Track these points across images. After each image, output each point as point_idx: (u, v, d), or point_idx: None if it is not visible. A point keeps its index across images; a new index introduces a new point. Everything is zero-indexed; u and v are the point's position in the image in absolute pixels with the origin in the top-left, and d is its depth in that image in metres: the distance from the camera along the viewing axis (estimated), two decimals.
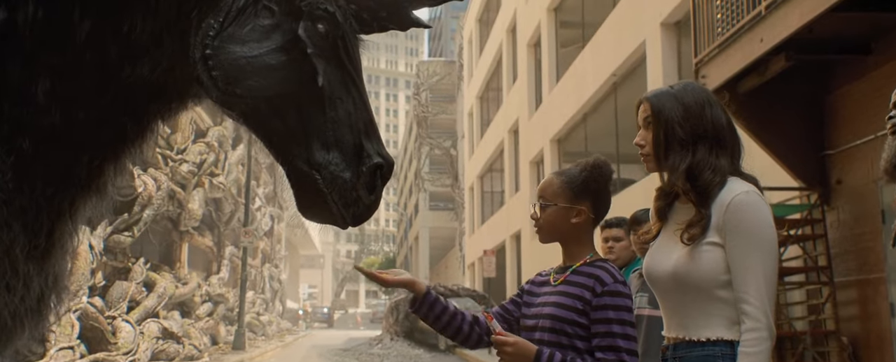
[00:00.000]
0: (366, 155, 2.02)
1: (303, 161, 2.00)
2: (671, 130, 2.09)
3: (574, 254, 2.33)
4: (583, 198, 2.28)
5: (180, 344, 14.35)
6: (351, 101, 2.04)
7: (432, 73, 43.14)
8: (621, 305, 2.17)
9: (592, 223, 2.33)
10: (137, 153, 2.08)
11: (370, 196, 2.05)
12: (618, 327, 2.15)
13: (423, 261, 45.79)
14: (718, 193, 2.03)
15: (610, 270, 2.24)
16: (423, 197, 45.53)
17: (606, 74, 14.68)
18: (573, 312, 2.20)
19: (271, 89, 1.96)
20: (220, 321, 20.01)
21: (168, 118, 2.10)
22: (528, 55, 22.16)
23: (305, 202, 2.06)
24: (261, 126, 2.06)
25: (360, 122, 2.04)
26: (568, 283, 2.27)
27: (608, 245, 4.47)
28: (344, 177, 1.99)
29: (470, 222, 33.06)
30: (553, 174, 2.40)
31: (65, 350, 9.06)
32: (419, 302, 2.38)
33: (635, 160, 15.53)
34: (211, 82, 1.94)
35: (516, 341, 2.15)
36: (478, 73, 31.40)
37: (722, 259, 2.01)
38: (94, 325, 10.87)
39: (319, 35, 2.00)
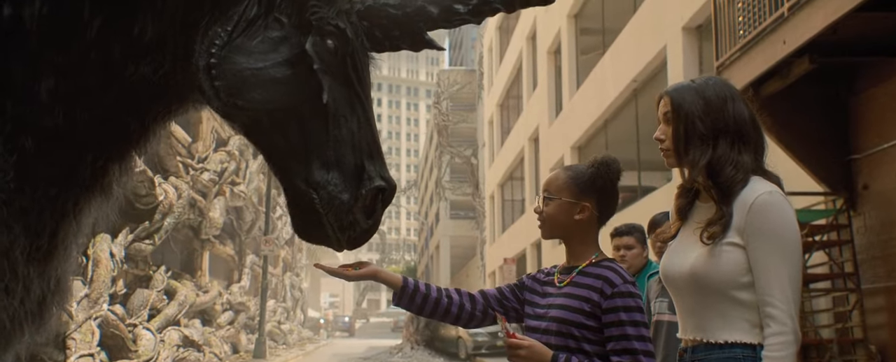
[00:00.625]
0: (367, 177, 1.97)
1: (301, 179, 1.96)
2: (691, 125, 2.03)
3: (578, 254, 2.26)
4: (588, 194, 2.22)
5: (201, 352, 14.37)
6: (355, 121, 1.99)
7: (453, 82, 43.12)
8: (632, 306, 2.10)
9: (597, 221, 2.26)
10: (142, 153, 2.05)
11: (368, 220, 2.00)
12: (632, 329, 2.07)
13: (444, 270, 45.68)
14: (741, 191, 1.96)
15: (618, 270, 2.17)
16: (443, 205, 45.46)
17: (627, 80, 14.57)
18: (580, 314, 2.13)
19: (274, 103, 1.92)
20: (241, 329, 20.04)
21: (169, 119, 2.07)
22: (549, 62, 22.07)
23: (301, 222, 2.02)
24: (261, 140, 2.03)
25: (364, 143, 1.99)
26: (574, 285, 2.20)
27: (620, 253, 4.40)
28: (342, 199, 1.95)
29: (491, 231, 32.93)
30: (560, 168, 2.34)
31: (85, 357, 9.08)
32: (398, 295, 2.34)
33: (657, 167, 15.40)
34: (213, 92, 1.91)
35: (531, 344, 2.08)
36: (498, 81, 31.36)
37: (742, 260, 1.94)
38: (114, 333, 10.90)
39: (328, 51, 1.96)
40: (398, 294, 2.33)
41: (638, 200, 14.70)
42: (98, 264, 10.67)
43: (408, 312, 2.44)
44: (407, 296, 2.32)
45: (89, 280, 10.35)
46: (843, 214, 7.79)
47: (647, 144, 14.76)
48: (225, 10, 1.93)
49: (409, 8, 2.09)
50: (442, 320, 2.37)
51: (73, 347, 9.12)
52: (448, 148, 40.76)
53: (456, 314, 2.34)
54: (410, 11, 2.08)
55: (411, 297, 2.32)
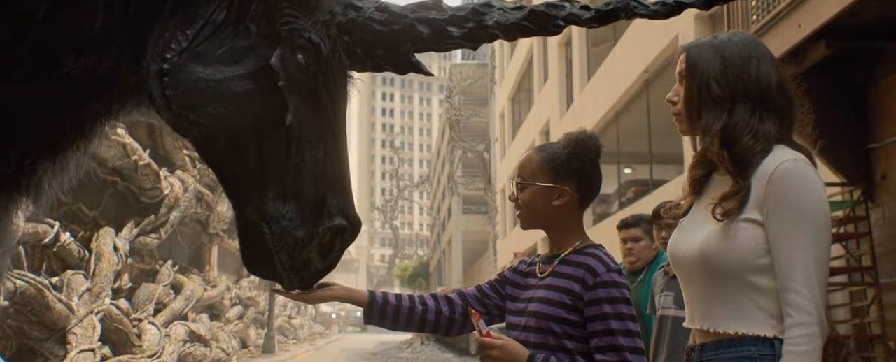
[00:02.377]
0: (327, 213, 1.76)
1: (254, 209, 1.75)
2: (706, 86, 1.79)
3: (561, 242, 2.04)
4: (566, 177, 2.01)
5: (207, 346, 14.26)
6: (322, 148, 1.77)
7: (465, 77, 42.87)
8: (617, 297, 1.88)
9: (579, 205, 2.04)
10: (82, 154, 1.86)
11: (323, 261, 1.81)
12: (616, 323, 1.85)
13: (456, 265, 45.55)
14: (761, 162, 1.71)
15: (601, 257, 1.95)
16: (455, 200, 45.30)
17: (638, 71, 14.31)
18: (560, 308, 1.91)
19: (231, 120, 1.71)
20: (250, 324, 19.97)
21: (110, 121, 1.85)
22: (559, 54, 21.83)
23: (249, 256, 1.81)
24: (214, 160, 1.81)
25: (329, 173, 1.78)
26: (555, 275, 1.98)
27: (627, 246, 4.19)
28: (295, 236, 1.74)
29: (502, 225, 32.75)
30: (533, 149, 2.10)
31: (86, 352, 8.96)
32: (367, 312, 2.11)
33: (670, 160, 15.15)
34: (163, 101, 1.70)
35: (505, 344, 1.87)
36: (509, 75, 31.15)
37: (760, 240, 1.68)
38: (118, 327, 10.78)
39: (297, 66, 1.73)
40: (367, 311, 2.11)
41: (650, 193, 14.44)
42: (101, 258, 10.56)
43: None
44: (376, 312, 2.10)
45: (91, 274, 10.23)
46: (860, 206, 7.53)
47: (660, 136, 14.52)
48: (189, 11, 1.72)
49: (396, 25, 1.86)
50: (420, 330, 2.16)
51: (74, 342, 9.01)
52: (460, 142, 40.55)
53: (434, 321, 2.12)
54: (398, 29, 1.86)
55: (381, 312, 2.10)
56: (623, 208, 16.04)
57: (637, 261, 4.15)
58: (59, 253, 9.96)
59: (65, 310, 9.00)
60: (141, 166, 11.62)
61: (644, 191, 15.37)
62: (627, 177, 17.73)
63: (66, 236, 9.98)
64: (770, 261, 1.67)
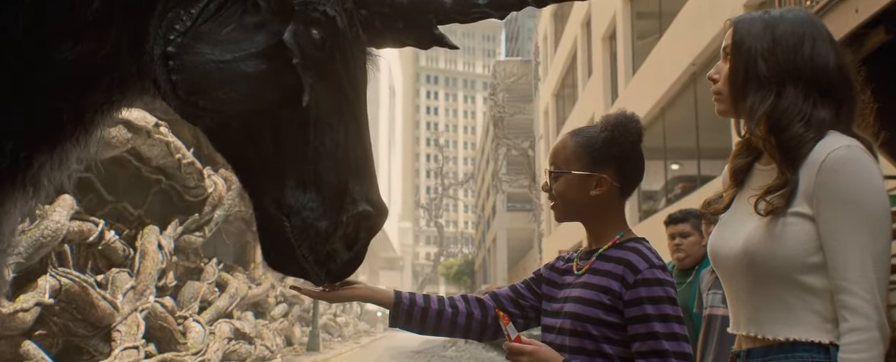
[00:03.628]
0: (350, 200, 1.62)
1: (272, 200, 1.62)
2: (752, 64, 1.61)
3: (599, 235, 1.86)
4: (604, 163, 1.82)
5: (252, 344, 14.33)
6: (343, 130, 1.64)
7: (509, 74, 42.77)
8: (660, 296, 1.69)
9: (620, 194, 1.86)
10: (83, 146, 1.74)
11: (349, 252, 1.66)
12: (660, 325, 1.67)
13: (501, 263, 45.38)
14: (811, 151, 1.53)
15: (644, 252, 1.76)
16: (500, 198, 45.19)
17: (685, 64, 13.95)
18: (598, 309, 1.73)
19: (243, 104, 1.58)
20: (295, 322, 20.07)
21: (112, 111, 1.73)
22: (604, 49, 21.49)
23: (270, 251, 1.68)
24: (228, 148, 1.68)
25: (351, 158, 1.64)
26: (593, 272, 1.80)
27: (675, 242, 3.97)
28: (318, 227, 1.61)
29: (547, 222, 32.47)
30: (568, 134, 1.92)
31: (129, 349, 9.02)
32: (392, 314, 1.95)
33: (718, 155, 14.75)
34: (169, 87, 1.57)
35: (535, 350, 1.69)
36: (553, 71, 30.84)
37: (811, 235, 1.50)
38: (162, 325, 10.86)
39: (312, 43, 1.60)
40: (392, 313, 1.94)
41: (697, 189, 14.08)
42: (145, 256, 10.64)
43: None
44: (403, 314, 1.93)
45: (136, 272, 10.32)
46: None
47: (707, 131, 14.15)
48: None
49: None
50: (450, 335, 1.99)
51: (119, 339, 9.07)
52: (504, 140, 40.41)
53: (464, 326, 1.95)
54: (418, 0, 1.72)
55: (408, 314, 1.93)
56: (670, 205, 15.68)
57: (686, 259, 3.94)
58: (104, 251, 10.06)
59: (109, 308, 9.08)
60: (184, 165, 11.70)
61: (692, 187, 15.00)
62: (674, 174, 17.35)
63: (111, 234, 10.08)
64: (822, 258, 1.50)
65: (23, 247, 7.84)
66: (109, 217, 10.79)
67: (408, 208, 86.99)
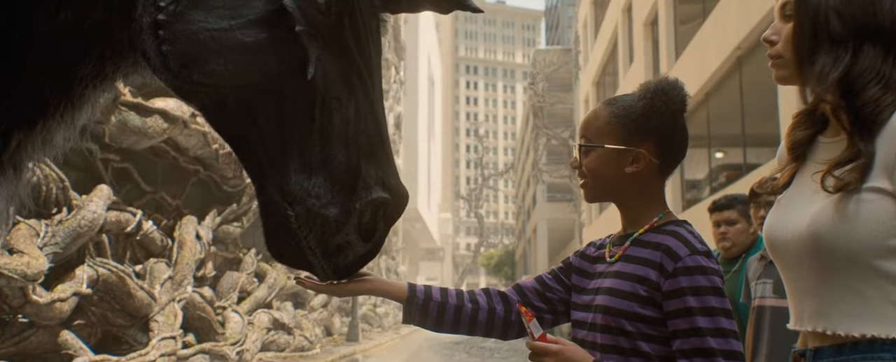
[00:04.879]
0: (363, 185, 1.45)
1: (275, 186, 1.45)
2: (823, 20, 1.39)
3: (635, 218, 1.65)
4: (642, 136, 1.61)
5: (291, 334, 14.34)
6: (353, 106, 1.47)
7: (548, 63, 42.41)
8: (704, 286, 1.47)
9: (659, 172, 1.64)
10: (70, 125, 1.60)
11: (365, 244, 1.49)
12: (704, 319, 1.46)
13: (541, 254, 45.07)
14: (890, 118, 1.31)
15: (685, 236, 1.55)
16: (540, 188, 44.85)
17: (730, 48, 13.53)
18: (634, 301, 1.53)
19: (241, 78, 1.42)
20: (334, 312, 20.08)
21: (104, 86, 1.57)
22: (645, 34, 21.06)
23: (275, 243, 1.51)
24: (225, 128, 1.51)
25: (363, 137, 1.47)
26: (627, 260, 1.59)
27: (720, 230, 3.73)
28: (326, 216, 1.44)
29: (588, 213, 32.11)
30: (602, 103, 1.70)
31: (167, 339, 9.03)
32: (406, 310, 1.75)
33: (765, 142, 14.32)
34: (159, 59, 1.42)
35: (561, 349, 1.50)
36: (593, 58, 30.40)
37: (891, 214, 1.28)
38: (201, 315, 10.89)
39: (317, 7, 1.45)
40: (406, 308, 1.75)
41: (743, 177, 13.68)
42: (183, 246, 10.66)
43: None
44: (417, 310, 1.74)
45: (173, 262, 10.33)
46: None
47: (754, 118, 13.73)
48: None
49: None
50: (470, 333, 1.77)
51: (156, 329, 9.09)
52: (544, 130, 40.10)
53: (486, 323, 1.74)
54: None
55: (423, 310, 1.73)
56: (714, 194, 15.28)
57: (732, 247, 3.70)
58: (142, 241, 10.10)
59: (147, 298, 9.10)
60: (222, 155, 11.69)
61: (737, 175, 14.59)
62: (719, 162, 16.92)
63: (149, 225, 10.11)
64: None
65: (60, 237, 7.87)
66: (147, 207, 10.83)
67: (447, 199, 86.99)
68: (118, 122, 9.04)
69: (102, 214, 8.56)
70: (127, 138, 9.42)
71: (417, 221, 47.14)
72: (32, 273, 7.04)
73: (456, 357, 15.83)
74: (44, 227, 7.80)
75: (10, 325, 7.73)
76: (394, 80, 33.07)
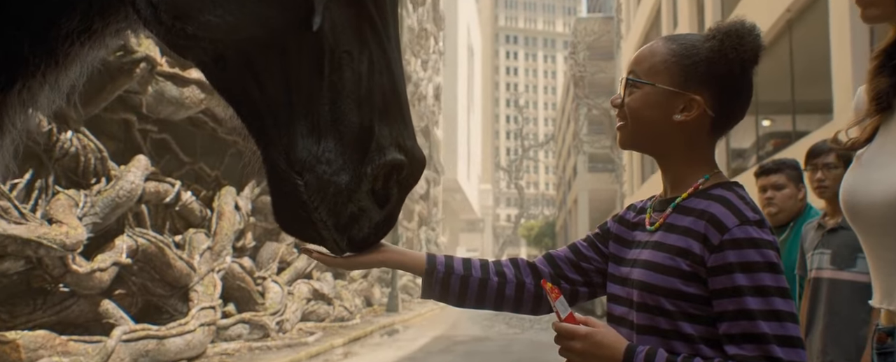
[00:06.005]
0: (376, 147, 1.30)
1: (281, 152, 1.31)
2: None
3: (679, 178, 1.45)
4: (701, 82, 1.39)
5: (331, 305, 14.40)
6: (366, 60, 1.31)
7: (590, 31, 41.78)
8: (756, 262, 1.27)
9: (711, 128, 1.43)
10: (54, 88, 1.46)
11: (380, 210, 1.34)
12: (755, 300, 1.25)
13: (582, 225, 44.79)
14: None
15: (733, 203, 1.34)
16: (581, 159, 44.46)
17: (780, 10, 13.04)
18: (675, 277, 1.33)
19: (241, 30, 1.27)
20: (374, 283, 20.16)
21: (91, 43, 1.42)
22: (690, 0, 20.46)
23: (283, 214, 1.36)
24: (226, 87, 1.37)
25: (376, 94, 1.31)
26: (668, 229, 1.40)
27: (766, 195, 3.48)
28: (337, 183, 1.30)
29: (630, 183, 31.70)
30: (661, 38, 1.48)
31: (206, 309, 9.07)
32: (425, 283, 1.56)
33: (815, 108, 13.85)
34: (150, 11, 1.27)
35: (591, 332, 1.32)
36: (635, 26, 29.77)
37: None
38: (241, 285, 10.94)
39: None
40: (425, 281, 1.57)
41: (791, 145, 13.26)
42: (222, 216, 10.68)
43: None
44: (437, 284, 1.55)
45: (212, 232, 10.36)
46: None
47: (804, 83, 13.26)
48: None
49: None
50: (497, 308, 1.59)
51: (196, 299, 9.13)
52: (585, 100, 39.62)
53: (514, 298, 1.57)
54: None
55: (443, 284, 1.55)
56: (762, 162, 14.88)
57: (779, 213, 3.47)
58: (181, 212, 10.13)
59: (186, 268, 9.13)
60: None
61: (785, 143, 14.15)
62: (766, 130, 16.44)
63: (188, 195, 10.13)
64: None
65: (99, 207, 7.90)
66: (186, 178, 10.86)
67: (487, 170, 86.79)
68: (155, 93, 9.02)
69: (140, 184, 8.58)
70: (164, 108, 9.40)
71: (457, 192, 47.11)
72: (71, 243, 7.07)
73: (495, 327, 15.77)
74: (83, 197, 7.83)
75: (52, 295, 7.81)
76: (433, 51, 32.81)
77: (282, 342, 10.78)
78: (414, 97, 25.55)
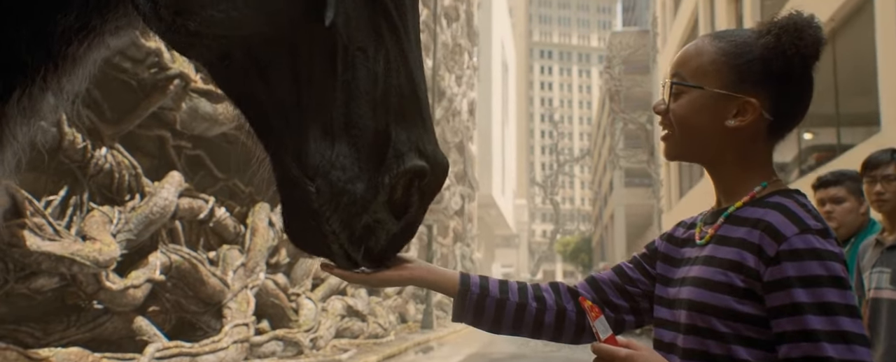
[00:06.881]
0: (394, 153, 1.19)
1: (291, 157, 1.20)
2: None
3: (732, 188, 1.30)
4: (755, 83, 1.25)
5: (365, 322, 14.30)
6: (382, 58, 1.21)
7: (625, 45, 41.63)
8: (819, 276, 1.12)
9: (769, 133, 1.29)
10: (55, 92, 1.36)
11: (398, 222, 1.23)
12: (818, 320, 1.11)
13: (619, 241, 44.34)
14: None
15: (793, 210, 1.19)
16: (617, 174, 44.20)
17: (823, 19, 12.64)
18: (727, 294, 1.18)
19: (246, 26, 1.17)
20: (409, 299, 20.04)
21: (90, 42, 1.33)
22: (728, 10, 20.24)
23: (293, 225, 1.26)
24: (233, 87, 1.27)
25: (394, 95, 1.20)
26: (720, 241, 1.25)
27: (825, 209, 3.30)
28: (352, 192, 1.19)
29: (667, 198, 31.28)
30: (707, 36, 1.33)
31: (240, 326, 9.01)
32: (457, 305, 1.42)
33: (859, 121, 13.47)
34: (150, 7, 1.18)
35: (633, 355, 1.17)
36: (672, 38, 29.47)
37: None
38: (274, 302, 10.89)
39: None
40: (457, 303, 1.43)
41: (835, 159, 12.89)
42: (255, 233, 10.66)
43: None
44: (471, 305, 1.41)
45: (246, 249, 10.33)
46: None
47: (848, 95, 12.92)
48: None
49: None
50: (534, 336, 1.44)
51: (229, 316, 9.09)
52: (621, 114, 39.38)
53: (554, 325, 1.42)
54: None
55: (478, 307, 1.41)
56: (803, 176, 14.51)
57: (839, 229, 3.28)
58: (215, 228, 10.12)
59: (219, 285, 9.09)
60: None
61: (829, 156, 13.78)
62: (808, 143, 16.05)
63: (222, 211, 10.12)
64: None
65: (133, 223, 7.90)
66: (221, 194, 10.86)
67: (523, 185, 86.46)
68: (189, 109, 9.03)
69: (174, 201, 8.57)
70: (198, 125, 9.41)
71: (492, 208, 46.91)
72: (104, 259, 7.06)
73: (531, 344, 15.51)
74: (117, 214, 7.84)
75: (86, 312, 7.80)
76: (467, 66, 32.79)
77: (315, 359, 10.68)
78: (448, 112, 25.50)
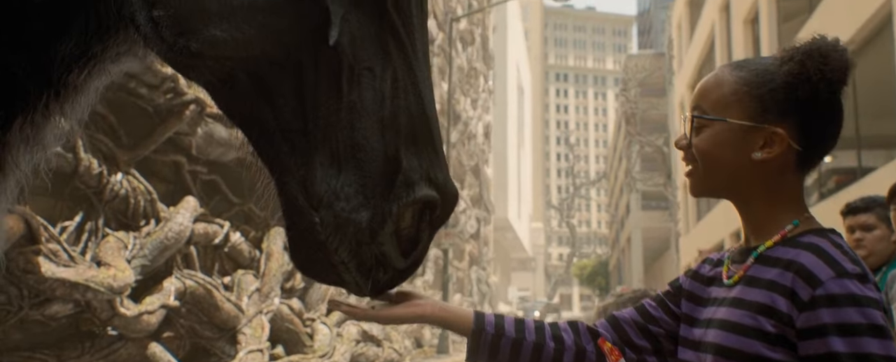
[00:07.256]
0: (403, 181, 1.13)
1: (298, 184, 1.16)
2: None
3: (761, 224, 1.24)
4: (781, 113, 1.20)
5: (380, 347, 14.19)
6: (389, 78, 1.16)
7: (641, 68, 41.69)
8: (857, 324, 1.06)
9: (798, 164, 1.23)
10: (57, 120, 1.32)
11: (404, 259, 1.18)
12: None
13: (636, 264, 44.00)
14: None
15: (828, 252, 1.13)
16: (634, 197, 44.02)
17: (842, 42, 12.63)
18: (757, 339, 1.13)
19: (251, 47, 1.13)
20: (425, 324, 19.88)
21: (90, 69, 1.29)
22: (745, 34, 20.14)
23: (299, 255, 1.21)
24: (235, 109, 1.23)
25: (403, 117, 1.15)
26: (749, 283, 1.18)
27: (855, 236, 3.21)
28: (357, 221, 1.14)
29: (685, 221, 31.02)
30: (727, 66, 1.28)
31: (254, 352, 8.94)
32: (471, 345, 1.37)
33: (880, 143, 13.31)
34: (151, 27, 1.15)
35: None
36: (688, 61, 29.40)
37: None
38: (289, 327, 10.82)
39: None
40: (472, 343, 1.38)
41: (856, 182, 12.72)
42: (270, 257, 10.62)
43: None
44: (486, 345, 1.37)
45: (261, 274, 10.29)
46: None
47: (868, 118, 12.78)
48: None
49: None
50: None
51: (244, 341, 9.02)
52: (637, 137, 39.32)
53: None
54: None
55: (493, 346, 1.37)
56: (823, 200, 14.34)
57: (869, 257, 3.18)
58: (230, 253, 10.09)
59: (234, 310, 9.04)
60: None
61: (849, 180, 13.61)
62: (828, 166, 15.87)
63: (237, 236, 10.10)
64: None
65: (148, 249, 7.89)
66: (236, 219, 10.84)
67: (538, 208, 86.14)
68: (204, 134, 9.05)
69: (189, 226, 8.56)
70: (214, 150, 9.42)
71: (508, 231, 46.76)
72: (118, 285, 7.03)
73: None
74: (132, 240, 7.83)
75: (100, 338, 7.77)
76: (482, 90, 32.84)
77: None
78: (464, 136, 25.52)
